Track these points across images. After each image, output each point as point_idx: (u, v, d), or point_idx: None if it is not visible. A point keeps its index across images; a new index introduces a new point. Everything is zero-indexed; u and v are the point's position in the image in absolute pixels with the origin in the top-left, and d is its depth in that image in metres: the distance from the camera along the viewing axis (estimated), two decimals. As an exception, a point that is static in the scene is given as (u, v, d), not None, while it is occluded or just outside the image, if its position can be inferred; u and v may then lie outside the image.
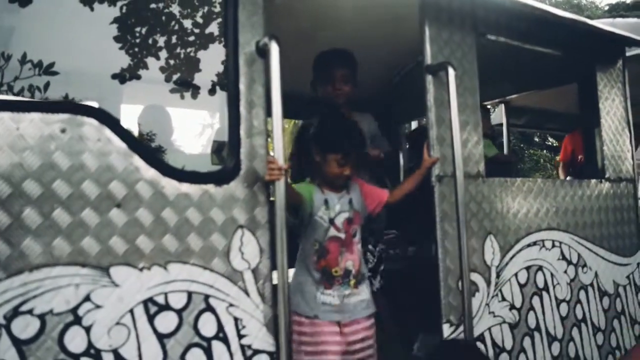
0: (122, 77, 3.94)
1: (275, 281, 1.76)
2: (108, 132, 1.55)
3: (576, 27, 2.75)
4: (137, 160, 1.59)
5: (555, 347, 2.54)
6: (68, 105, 1.51)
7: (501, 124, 5.19)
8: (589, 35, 2.85)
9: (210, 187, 1.70)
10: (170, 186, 1.63)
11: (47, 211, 1.45)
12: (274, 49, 1.74)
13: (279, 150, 1.74)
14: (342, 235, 2.13)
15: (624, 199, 2.97)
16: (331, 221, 2.12)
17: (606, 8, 16.84)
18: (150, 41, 4.07)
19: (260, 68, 1.82)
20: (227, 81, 1.80)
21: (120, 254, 1.54)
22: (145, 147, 1.63)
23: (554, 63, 3.08)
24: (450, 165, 2.24)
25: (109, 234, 1.53)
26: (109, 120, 1.56)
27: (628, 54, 3.13)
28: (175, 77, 4.12)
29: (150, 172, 1.60)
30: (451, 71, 2.19)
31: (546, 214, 2.59)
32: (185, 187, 1.66)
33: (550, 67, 3.20)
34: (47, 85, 3.18)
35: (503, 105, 5.15)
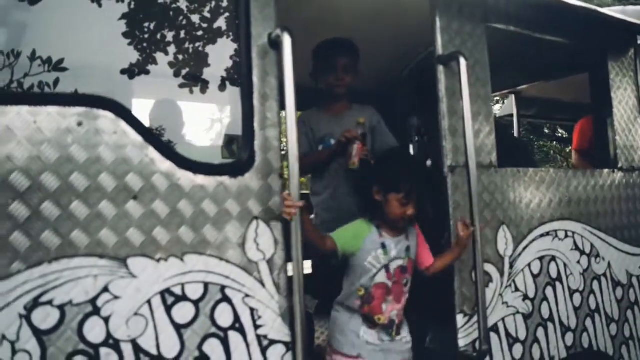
0: (131, 72, 3.96)
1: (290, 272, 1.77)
2: (124, 125, 1.57)
3: (587, 16, 2.73)
4: (153, 153, 1.60)
5: (569, 338, 2.54)
6: (84, 98, 1.52)
7: (511, 115, 5.17)
8: (601, 23, 2.83)
9: (225, 179, 1.71)
10: (186, 178, 1.65)
11: (65, 203, 1.47)
12: (287, 41, 1.74)
13: (293, 142, 1.74)
14: (392, 283, 2.05)
15: (636, 189, 2.95)
16: (384, 267, 2.04)
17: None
18: (158, 36, 4.09)
19: (273, 60, 1.82)
20: (241, 74, 1.80)
21: (137, 245, 1.56)
22: (161, 139, 1.63)
23: (565, 52, 3.06)
24: (463, 156, 2.23)
25: (126, 226, 1.55)
26: (125, 113, 1.57)
27: (640, 42, 3.11)
28: (184, 71, 4.14)
29: (166, 164, 1.62)
30: (463, 61, 2.19)
31: (559, 204, 2.59)
32: (201, 179, 1.67)
33: (560, 56, 3.18)
34: (56, 81, 3.21)
35: (513, 95, 5.13)
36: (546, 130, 16.05)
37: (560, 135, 16.86)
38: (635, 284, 2.87)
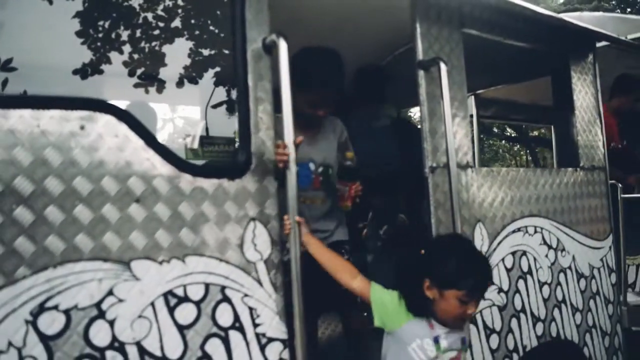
0: (84, 71, 3.90)
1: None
2: (125, 129, 1.57)
3: (552, 23, 2.89)
4: (154, 156, 1.61)
5: (539, 327, 2.69)
6: (86, 102, 1.52)
7: (471, 115, 5.36)
8: (564, 30, 2.99)
9: (224, 182, 1.74)
10: (186, 181, 1.67)
11: (69, 208, 1.47)
12: (282, 46, 1.78)
13: (291, 149, 1.79)
14: None
15: (596, 186, 3.14)
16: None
17: (561, 1, 17.38)
18: (113, 35, 4.05)
19: (267, 64, 1.86)
20: (236, 78, 1.83)
21: (140, 248, 1.57)
22: (161, 143, 1.64)
23: (529, 57, 3.21)
24: (443, 156, 2.33)
25: (129, 229, 1.56)
26: (126, 117, 1.58)
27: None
28: (139, 71, 4.11)
29: (166, 168, 1.63)
30: (443, 66, 2.29)
31: (528, 202, 2.73)
32: (200, 182, 1.69)
33: (525, 61, 3.33)
34: (5, 81, 3.14)
35: (473, 97, 5.32)
36: (495, 130, 16.59)
37: (508, 134, 17.46)
38: (597, 275, 3.05)
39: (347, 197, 2.31)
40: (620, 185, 3.70)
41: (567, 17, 3.35)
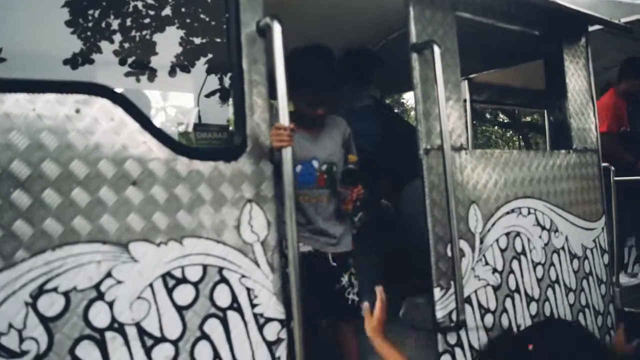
0: (75, 61, 3.89)
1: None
2: (121, 112, 1.58)
3: (545, 6, 2.90)
4: (150, 140, 1.62)
5: (533, 307, 2.72)
6: (81, 86, 1.53)
7: (464, 100, 5.37)
8: (556, 13, 3.00)
9: (220, 164, 1.75)
10: (182, 164, 1.68)
11: (66, 191, 1.48)
12: (277, 29, 1.79)
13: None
14: None
15: (589, 168, 3.17)
16: None
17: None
18: (103, 24, 4.04)
19: (262, 48, 1.87)
20: (230, 61, 1.84)
21: (138, 230, 1.58)
22: (157, 126, 1.65)
23: (522, 40, 3.23)
24: (437, 139, 2.35)
25: (127, 212, 1.57)
26: (121, 101, 1.59)
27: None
28: (130, 59, 4.11)
29: (163, 151, 1.64)
30: (436, 49, 2.30)
31: (522, 183, 2.75)
32: (197, 164, 1.71)
33: (517, 44, 3.34)
34: None
35: (466, 81, 5.33)
36: (488, 116, 16.61)
37: (501, 120, 17.50)
38: (589, 256, 3.09)
39: (349, 201, 2.34)
40: (613, 168, 3.74)
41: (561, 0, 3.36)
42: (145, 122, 1.62)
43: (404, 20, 2.40)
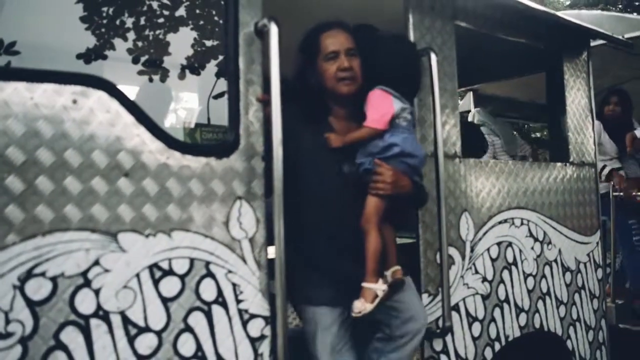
0: (88, 57, 3.94)
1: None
2: (116, 105, 1.62)
3: (546, 19, 2.93)
4: (144, 133, 1.66)
5: (522, 318, 2.73)
6: (79, 77, 1.57)
7: (469, 111, 5.40)
8: (558, 26, 3.02)
9: (212, 160, 1.78)
10: (175, 158, 1.71)
11: (59, 178, 1.52)
12: (274, 30, 1.82)
13: (277, 131, 1.83)
14: None
15: (586, 182, 3.18)
16: None
17: (567, 3, 17.35)
18: (118, 22, 4.09)
19: (259, 48, 1.90)
20: (227, 60, 1.88)
21: (127, 221, 1.62)
22: (151, 120, 1.69)
23: (524, 53, 3.25)
24: (431, 145, 2.38)
25: (118, 202, 1.60)
26: (117, 93, 1.62)
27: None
28: (143, 58, 4.15)
29: (155, 144, 1.68)
30: (433, 57, 2.32)
31: (516, 194, 2.77)
32: (188, 159, 1.74)
33: (519, 56, 3.37)
34: (8, 65, 3.17)
35: (471, 92, 5.36)
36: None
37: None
38: (583, 270, 3.10)
39: None
40: (612, 183, 3.75)
41: (564, 14, 3.38)
42: (140, 115, 1.65)
43: (403, 27, 2.43)
